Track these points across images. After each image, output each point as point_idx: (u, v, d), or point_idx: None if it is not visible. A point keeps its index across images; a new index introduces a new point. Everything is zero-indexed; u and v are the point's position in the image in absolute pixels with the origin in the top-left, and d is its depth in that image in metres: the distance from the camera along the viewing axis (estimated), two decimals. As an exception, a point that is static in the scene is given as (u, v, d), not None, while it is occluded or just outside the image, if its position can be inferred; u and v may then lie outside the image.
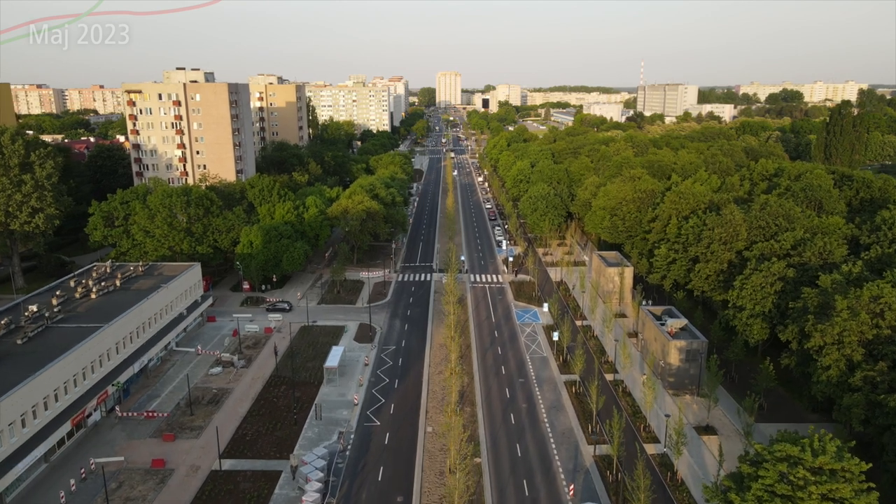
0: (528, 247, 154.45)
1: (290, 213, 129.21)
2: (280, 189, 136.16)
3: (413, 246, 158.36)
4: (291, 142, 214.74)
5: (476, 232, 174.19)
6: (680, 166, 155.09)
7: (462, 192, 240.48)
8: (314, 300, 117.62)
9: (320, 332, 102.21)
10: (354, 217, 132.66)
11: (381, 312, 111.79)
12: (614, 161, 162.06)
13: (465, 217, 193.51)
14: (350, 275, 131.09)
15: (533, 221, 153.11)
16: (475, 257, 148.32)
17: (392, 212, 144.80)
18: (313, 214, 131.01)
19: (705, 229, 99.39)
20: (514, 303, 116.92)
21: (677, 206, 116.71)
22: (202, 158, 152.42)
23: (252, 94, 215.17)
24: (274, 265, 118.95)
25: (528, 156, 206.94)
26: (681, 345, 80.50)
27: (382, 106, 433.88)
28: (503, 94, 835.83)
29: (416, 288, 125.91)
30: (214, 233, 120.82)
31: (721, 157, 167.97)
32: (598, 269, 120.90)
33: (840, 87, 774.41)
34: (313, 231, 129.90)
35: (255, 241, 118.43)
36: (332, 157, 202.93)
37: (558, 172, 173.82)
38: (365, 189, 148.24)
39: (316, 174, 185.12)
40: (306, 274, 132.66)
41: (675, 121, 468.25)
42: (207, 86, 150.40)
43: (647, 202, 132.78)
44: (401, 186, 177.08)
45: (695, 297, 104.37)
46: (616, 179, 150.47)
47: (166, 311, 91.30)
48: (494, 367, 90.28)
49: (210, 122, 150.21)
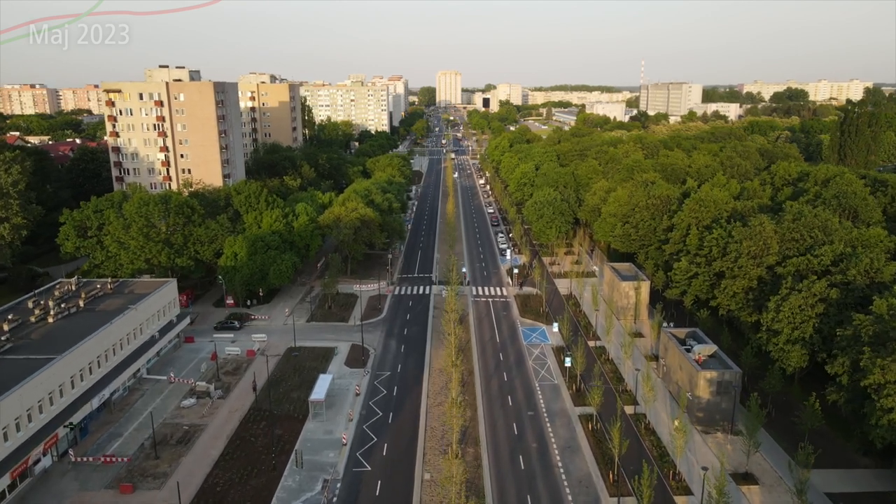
0: (534, 256, 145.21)
1: (279, 222, 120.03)
2: (268, 196, 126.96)
3: (411, 254, 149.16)
4: (285, 143, 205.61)
5: (478, 239, 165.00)
6: (695, 170, 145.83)
7: (463, 195, 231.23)
8: (303, 317, 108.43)
9: (308, 355, 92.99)
10: (348, 226, 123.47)
11: (376, 331, 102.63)
12: (624, 164, 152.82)
13: (467, 222, 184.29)
14: (343, 287, 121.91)
15: (538, 229, 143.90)
16: (477, 267, 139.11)
17: (389, 219, 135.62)
18: (303, 223, 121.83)
19: (731, 242, 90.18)
20: (520, 319, 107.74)
21: (697, 214, 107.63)
22: (187, 162, 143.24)
23: (243, 94, 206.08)
24: (260, 278, 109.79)
25: (531, 158, 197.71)
26: (711, 376, 71.28)
27: (381, 106, 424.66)
28: (504, 93, 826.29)
29: (413, 302, 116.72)
30: (196, 244, 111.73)
31: (737, 159, 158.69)
32: (610, 282, 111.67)
33: (844, 86, 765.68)
34: (303, 241, 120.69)
35: (240, 252, 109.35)
36: (326, 160, 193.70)
37: (564, 176, 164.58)
38: (360, 195, 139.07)
39: (309, 178, 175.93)
40: (296, 287, 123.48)
41: (679, 120, 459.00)
42: (192, 85, 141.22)
43: (661, 209, 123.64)
44: (398, 191, 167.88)
45: (719, 316, 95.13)
46: (627, 184, 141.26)
47: (135, 335, 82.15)
48: (500, 396, 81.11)
49: (195, 124, 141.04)
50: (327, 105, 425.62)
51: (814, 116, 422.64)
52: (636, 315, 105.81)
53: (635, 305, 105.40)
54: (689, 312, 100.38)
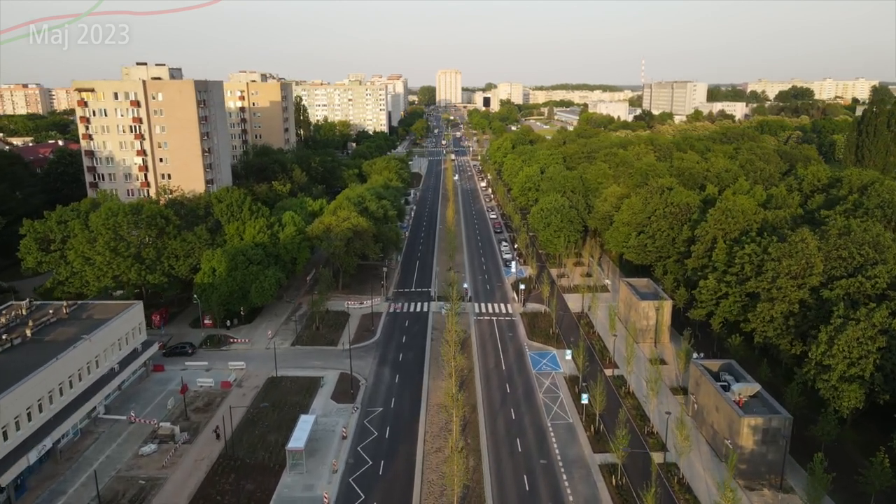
0: (540, 267, 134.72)
1: (263, 233, 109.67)
2: (252, 204, 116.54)
3: (409, 266, 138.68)
4: (276, 145, 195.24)
5: (480, 248, 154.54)
6: (714, 174, 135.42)
7: (463, 199, 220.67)
8: (287, 339, 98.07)
9: (290, 386, 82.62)
10: (339, 237, 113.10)
11: (367, 357, 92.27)
12: (637, 168, 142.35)
13: (468, 229, 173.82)
14: (333, 304, 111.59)
15: (545, 238, 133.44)
16: (479, 280, 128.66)
17: (384, 229, 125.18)
18: (290, 234, 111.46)
19: (768, 260, 79.81)
20: (528, 342, 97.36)
21: (723, 225, 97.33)
22: (166, 167, 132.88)
23: (232, 94, 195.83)
24: (240, 297, 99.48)
25: (535, 160, 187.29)
26: (756, 422, 60.92)
27: (380, 105, 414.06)
28: (505, 92, 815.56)
29: (410, 322, 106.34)
30: (170, 258, 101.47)
31: (758, 162, 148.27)
32: (627, 300, 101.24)
33: (850, 85, 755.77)
34: (289, 254, 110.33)
35: (219, 267, 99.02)
36: (319, 163, 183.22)
37: (572, 180, 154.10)
38: (352, 202, 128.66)
39: (301, 182, 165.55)
40: (281, 304, 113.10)
41: (685, 120, 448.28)
42: (171, 84, 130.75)
43: (680, 218, 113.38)
44: (395, 196, 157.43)
45: (753, 343, 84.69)
46: (641, 190, 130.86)
47: (90, 370, 71.87)
48: (508, 440, 70.76)
49: (174, 125, 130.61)
50: (324, 105, 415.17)
51: (824, 116, 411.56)
52: (657, 338, 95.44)
53: (656, 327, 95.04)
54: (718, 336, 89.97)
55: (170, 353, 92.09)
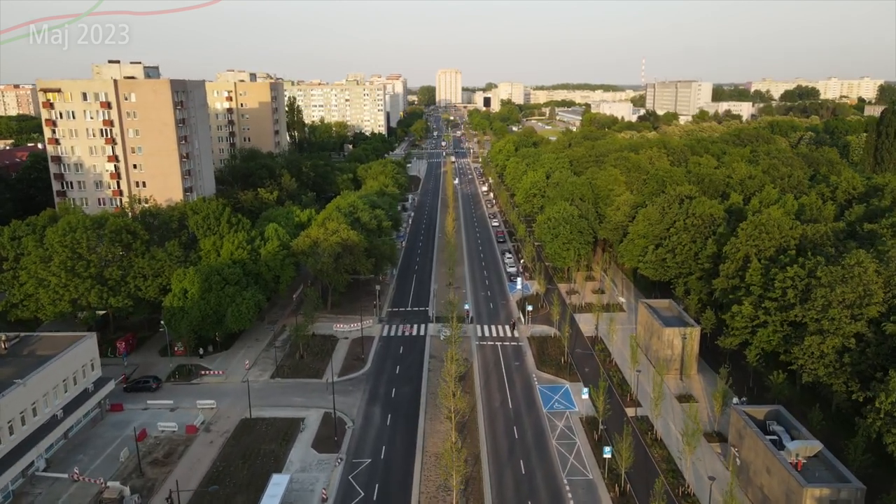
0: (548, 282, 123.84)
1: (242, 249, 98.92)
2: (231, 216, 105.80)
3: (405, 280, 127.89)
4: (266, 149, 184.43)
5: (482, 259, 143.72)
6: (736, 181, 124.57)
7: (464, 204, 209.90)
8: (267, 371, 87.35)
9: (266, 431, 71.86)
10: (327, 252, 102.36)
11: (356, 392, 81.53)
12: (653, 174, 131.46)
13: (469, 238, 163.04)
14: (321, 326, 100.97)
15: (553, 251, 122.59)
16: (482, 298, 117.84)
17: (377, 242, 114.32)
18: (273, 249, 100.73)
19: (818, 286, 69.06)
20: (537, 373, 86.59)
21: (757, 242, 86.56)
22: (140, 174, 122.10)
23: (219, 94, 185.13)
24: (215, 322, 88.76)
25: (540, 164, 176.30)
26: (822, 494, 50.15)
27: (377, 105, 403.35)
28: (505, 92, 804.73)
29: (405, 348, 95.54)
30: (137, 278, 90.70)
31: (782, 167, 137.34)
32: (648, 325, 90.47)
33: (855, 84, 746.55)
34: (272, 272, 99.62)
35: (191, 288, 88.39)
36: (311, 168, 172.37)
37: (581, 187, 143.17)
38: (343, 212, 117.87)
39: (290, 189, 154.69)
40: (263, 327, 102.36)
41: (690, 120, 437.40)
42: (144, 83, 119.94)
43: (704, 231, 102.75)
44: (391, 204, 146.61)
45: (794, 375, 73.96)
46: (658, 199, 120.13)
47: (25, 420, 61.15)
48: (517, 500, 60.01)
49: (149, 129, 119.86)
50: (321, 105, 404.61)
51: (834, 116, 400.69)
52: (683, 369, 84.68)
53: (682, 357, 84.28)
54: (754, 370, 79.15)
55: (132, 388, 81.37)
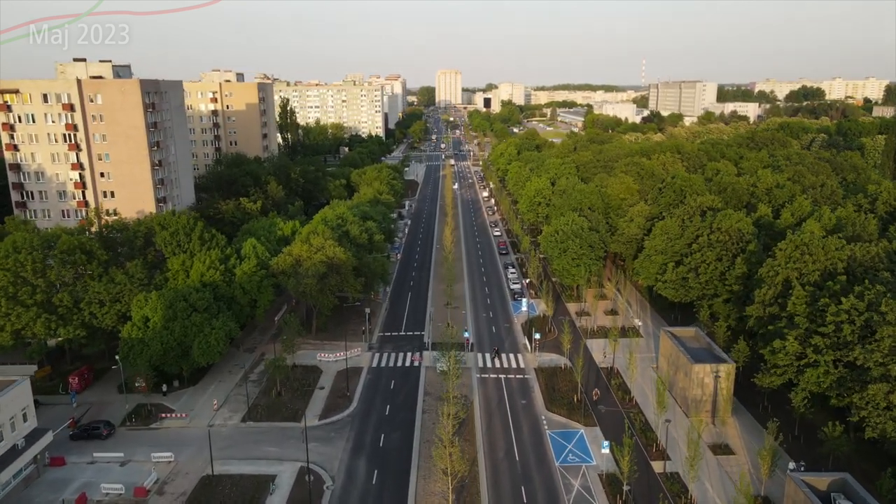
0: (555, 301, 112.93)
1: (215, 269, 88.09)
2: (203, 231, 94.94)
3: (399, 299, 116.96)
4: (253, 153, 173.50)
5: (483, 274, 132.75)
6: (762, 190, 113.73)
7: (464, 211, 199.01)
8: (238, 412, 76.48)
9: (229, 493, 60.95)
10: (310, 272, 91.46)
11: (339, 439, 70.67)
12: (669, 183, 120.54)
13: (469, 250, 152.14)
14: (304, 355, 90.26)
15: (561, 267, 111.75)
16: (483, 320, 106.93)
17: (367, 259, 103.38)
18: (249, 269, 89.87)
19: (883, 322, 58.24)
20: (546, 414, 75.70)
21: (799, 264, 75.76)
22: (108, 183, 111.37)
23: (203, 95, 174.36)
24: (179, 355, 78.03)
25: (544, 169, 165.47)
26: None
27: (375, 107, 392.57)
28: (506, 92, 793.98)
29: (396, 382, 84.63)
30: (92, 304, 79.89)
31: (809, 175, 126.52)
32: (672, 358, 79.59)
33: (860, 84, 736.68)
34: (248, 296, 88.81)
35: (153, 316, 77.70)
36: (300, 174, 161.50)
37: (590, 195, 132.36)
38: (330, 225, 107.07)
39: (276, 197, 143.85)
40: (239, 356, 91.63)
41: (696, 121, 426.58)
42: (111, 83, 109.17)
43: (731, 248, 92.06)
44: (384, 215, 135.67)
45: (850, 424, 63.09)
46: (677, 210, 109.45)
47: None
48: (528, 593, 49.21)
49: (117, 134, 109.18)
50: (317, 106, 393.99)
51: (843, 117, 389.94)
52: (716, 411, 73.76)
53: (714, 398, 73.39)
54: (800, 415, 68.25)
55: (80, 434, 70.54)
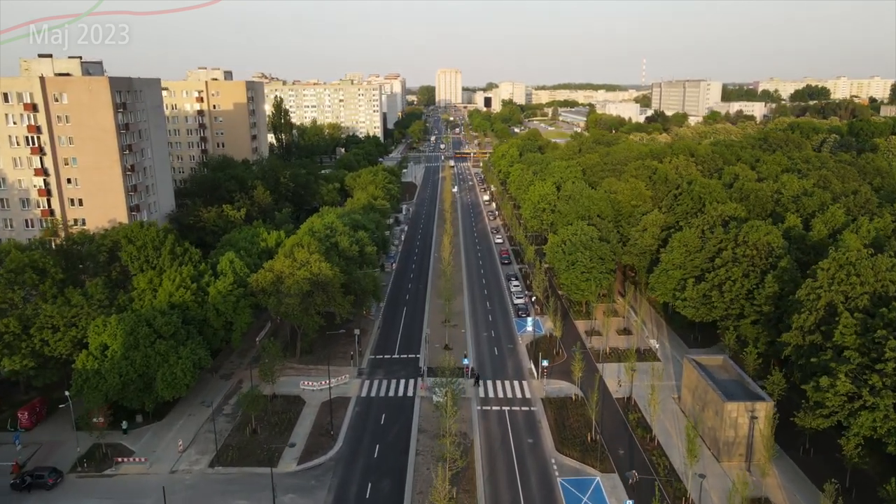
0: (563, 317, 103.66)
1: (186, 288, 78.98)
2: (175, 244, 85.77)
3: (393, 316, 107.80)
4: (242, 155, 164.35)
5: (484, 287, 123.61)
6: (787, 197, 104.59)
7: (463, 217, 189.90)
8: (207, 453, 67.40)
9: (187, 562, 51.94)
10: (292, 290, 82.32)
11: (319, 489, 61.53)
12: (686, 189, 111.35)
13: (469, 260, 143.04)
14: (285, 382, 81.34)
15: (569, 281, 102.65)
16: (484, 340, 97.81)
17: (358, 275, 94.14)
18: (224, 288, 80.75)
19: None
20: (557, 458, 66.55)
21: (845, 287, 66.72)
22: (76, 190, 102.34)
23: (188, 94, 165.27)
24: (141, 389, 68.99)
25: (549, 172, 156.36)
26: None
27: (373, 106, 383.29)
28: (506, 92, 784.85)
29: (388, 417, 75.46)
30: (43, 330, 70.79)
31: (834, 180, 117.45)
32: (698, 392, 70.43)
33: (865, 83, 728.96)
34: (222, 318, 79.73)
35: (112, 343, 68.76)
36: (290, 177, 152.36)
37: (599, 202, 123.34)
38: (318, 236, 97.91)
39: (264, 203, 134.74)
40: (215, 383, 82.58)
41: (701, 121, 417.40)
42: (77, 81, 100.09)
43: (759, 263, 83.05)
44: (378, 223, 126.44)
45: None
46: (696, 220, 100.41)
47: None
48: None
49: (85, 136, 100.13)
50: (314, 106, 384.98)
51: (853, 117, 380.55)
52: (751, 456, 64.58)
53: (749, 441, 64.25)
54: (852, 464, 59.02)
55: (20, 484, 61.43)
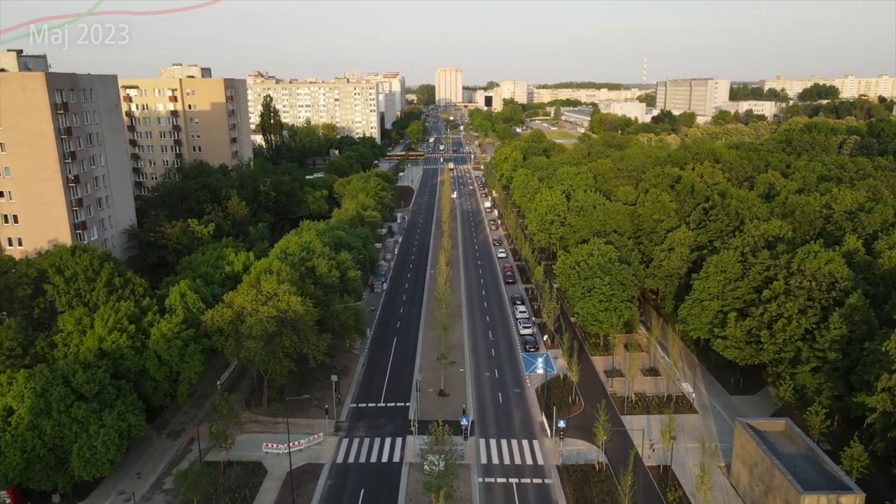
0: (578, 350, 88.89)
1: (121, 330, 64.38)
2: (114, 274, 71.18)
3: (380, 351, 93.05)
4: (221, 160, 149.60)
5: (486, 312, 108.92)
6: (841, 214, 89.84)
7: (463, 226, 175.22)
8: (133, 553, 52.84)
9: None
10: (255, 331, 67.68)
11: None
12: (720, 203, 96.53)
13: (469, 277, 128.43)
14: (246, 442, 66.94)
15: (586, 311, 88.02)
16: (487, 383, 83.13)
17: (337, 307, 79.40)
18: (170, 330, 66.13)
19: None
20: (581, 558, 51.96)
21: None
22: (11, 205, 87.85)
23: (162, 93, 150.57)
24: (53, 466, 54.44)
25: (557, 179, 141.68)
26: None
27: (370, 106, 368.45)
28: (508, 90, 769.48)
29: (367, 493, 60.67)
30: (-67, 390, 56.21)
31: (884, 191, 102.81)
32: (756, 466, 55.80)
33: (873, 82, 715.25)
34: (166, 367, 65.10)
35: (19, 408, 54.43)
36: (271, 185, 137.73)
37: (616, 215, 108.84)
38: (292, 260, 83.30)
39: (239, 215, 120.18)
40: (160, 444, 67.99)
41: (710, 121, 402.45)
42: (9, 78, 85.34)
43: (820, 297, 68.60)
44: (366, 239, 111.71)
45: None
46: (734, 240, 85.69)
47: None
48: None
49: (19, 142, 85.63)
50: (308, 105, 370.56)
51: (868, 117, 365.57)
52: (833, 564, 49.96)
53: (831, 544, 49.62)
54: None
55: None
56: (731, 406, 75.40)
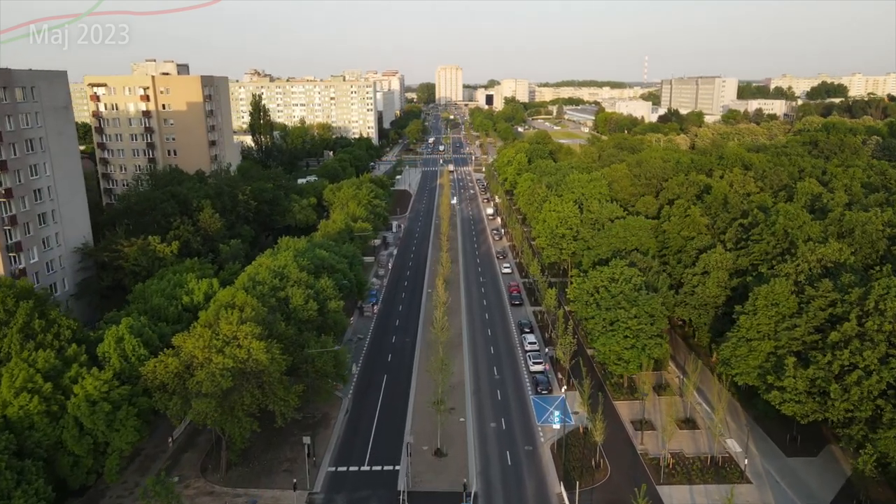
0: (598, 394, 75.37)
1: (31, 392, 51.05)
2: (34, 317, 57.84)
3: (366, 396, 79.49)
4: (198, 166, 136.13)
5: (490, 343, 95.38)
6: (906, 233, 76.34)
7: (464, 236, 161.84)
8: None
9: None
10: (206, 386, 54.35)
11: None
12: (765, 221, 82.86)
13: (470, 297, 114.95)
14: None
15: (608, 349, 74.79)
16: (492, 437, 69.75)
17: (312, 351, 65.98)
18: (96, 388, 52.77)
19: None
20: None
21: None
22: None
23: (133, 92, 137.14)
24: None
25: (566, 187, 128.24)
26: None
27: (367, 105, 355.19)
28: (509, 89, 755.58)
29: None
30: None
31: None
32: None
33: (881, 80, 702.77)
34: (88, 439, 51.73)
35: None
36: (251, 193, 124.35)
37: (639, 231, 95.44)
38: (261, 290, 69.97)
39: (212, 230, 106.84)
40: (83, 533, 54.78)
41: (718, 120, 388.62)
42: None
43: (905, 345, 55.06)
44: (354, 259, 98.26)
45: None
46: (785, 267, 72.32)
47: None
48: None
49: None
50: (302, 104, 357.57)
51: (885, 116, 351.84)
52: None
53: None
54: None
55: None
56: (790, 472, 62.12)
